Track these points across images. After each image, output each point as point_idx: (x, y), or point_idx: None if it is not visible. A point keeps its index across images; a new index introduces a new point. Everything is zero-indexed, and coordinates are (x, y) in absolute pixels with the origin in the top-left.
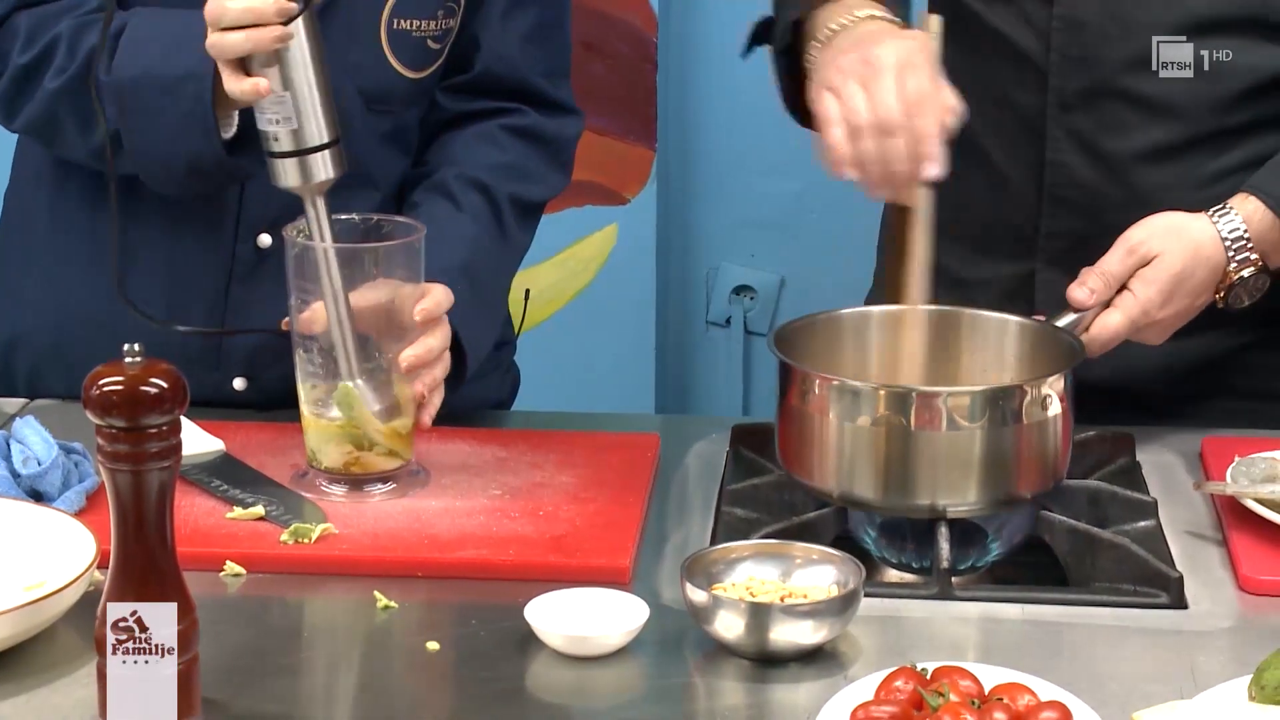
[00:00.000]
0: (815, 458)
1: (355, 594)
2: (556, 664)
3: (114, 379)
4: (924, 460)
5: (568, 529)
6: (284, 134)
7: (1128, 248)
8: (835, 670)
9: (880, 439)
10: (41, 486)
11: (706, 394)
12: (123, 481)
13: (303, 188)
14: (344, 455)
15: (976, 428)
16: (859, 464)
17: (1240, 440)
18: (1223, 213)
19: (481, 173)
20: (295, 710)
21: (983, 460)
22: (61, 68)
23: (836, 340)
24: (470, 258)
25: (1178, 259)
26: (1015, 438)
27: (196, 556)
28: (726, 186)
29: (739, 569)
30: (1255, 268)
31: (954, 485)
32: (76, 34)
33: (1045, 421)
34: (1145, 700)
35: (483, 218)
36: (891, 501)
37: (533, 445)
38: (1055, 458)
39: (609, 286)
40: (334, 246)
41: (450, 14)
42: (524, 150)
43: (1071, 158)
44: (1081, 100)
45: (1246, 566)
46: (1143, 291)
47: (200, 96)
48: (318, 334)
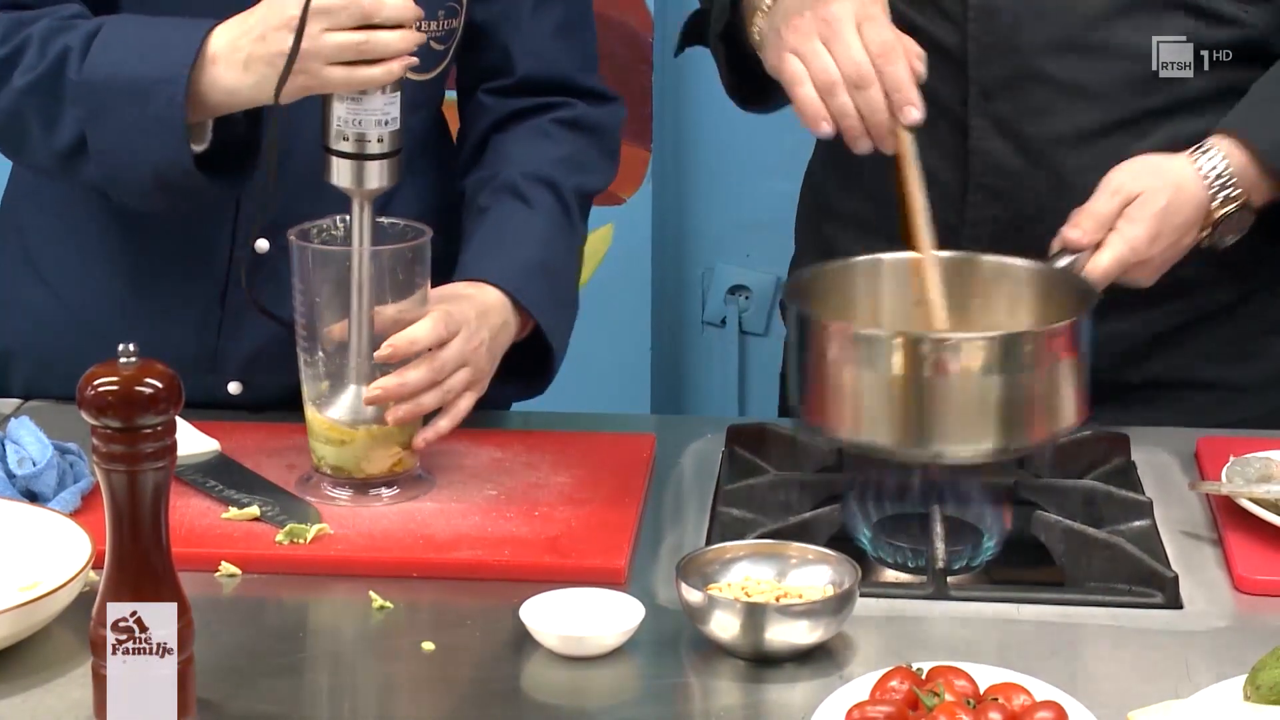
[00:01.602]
0: (830, 406)
1: (351, 594)
2: (552, 664)
3: (109, 379)
4: (939, 407)
5: (563, 529)
6: (386, 135)
7: (1111, 189)
8: (831, 670)
9: (897, 386)
10: (37, 487)
11: (702, 394)
12: (118, 482)
13: (355, 190)
14: (390, 458)
15: (993, 374)
16: (875, 412)
17: (1235, 440)
18: (1203, 149)
19: (545, 168)
20: (291, 710)
21: (998, 407)
22: (30, 66)
23: (849, 289)
24: (547, 255)
25: (1161, 195)
26: (1029, 384)
27: (192, 557)
28: (722, 187)
29: (734, 569)
30: (1238, 204)
31: (970, 432)
32: (50, 34)
33: (1058, 367)
34: (1140, 700)
35: (554, 213)
36: (908, 450)
37: (528, 446)
38: (1071, 405)
39: (604, 287)
40: (369, 250)
41: (453, 14)
42: (577, 142)
43: (994, 145)
44: (1002, 87)
45: (1242, 566)
46: (1129, 230)
47: (173, 101)
48: None
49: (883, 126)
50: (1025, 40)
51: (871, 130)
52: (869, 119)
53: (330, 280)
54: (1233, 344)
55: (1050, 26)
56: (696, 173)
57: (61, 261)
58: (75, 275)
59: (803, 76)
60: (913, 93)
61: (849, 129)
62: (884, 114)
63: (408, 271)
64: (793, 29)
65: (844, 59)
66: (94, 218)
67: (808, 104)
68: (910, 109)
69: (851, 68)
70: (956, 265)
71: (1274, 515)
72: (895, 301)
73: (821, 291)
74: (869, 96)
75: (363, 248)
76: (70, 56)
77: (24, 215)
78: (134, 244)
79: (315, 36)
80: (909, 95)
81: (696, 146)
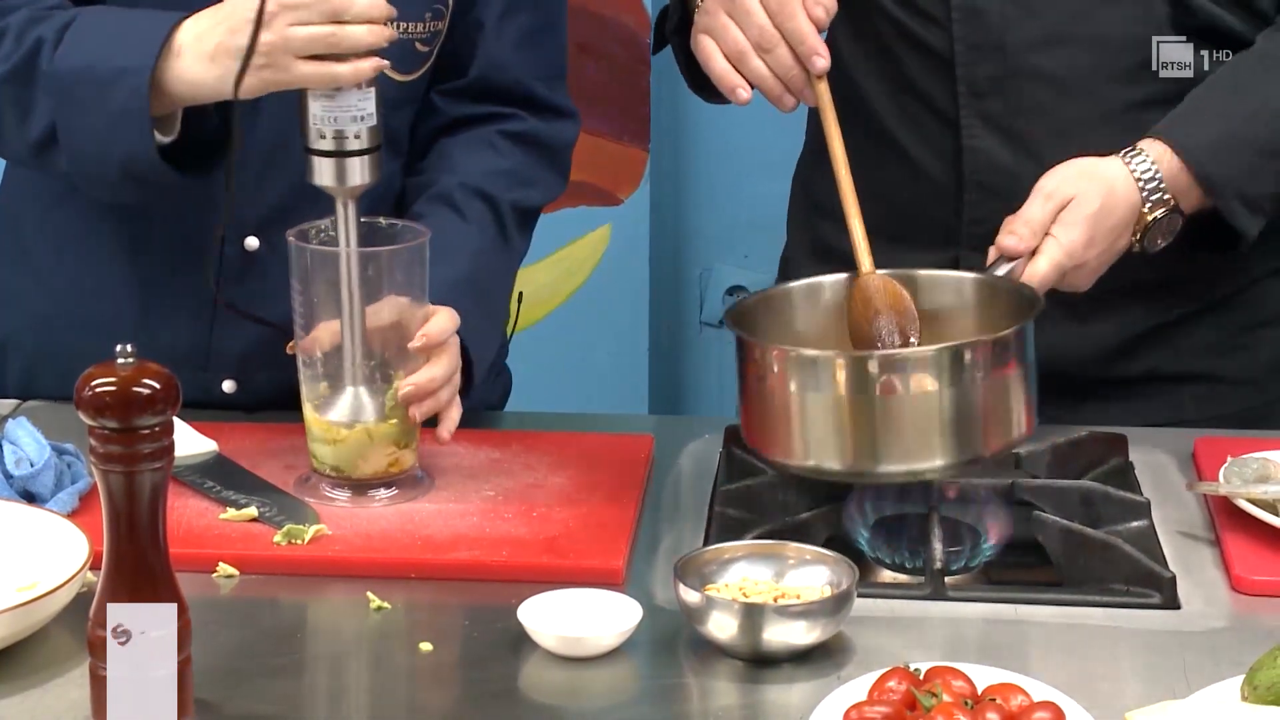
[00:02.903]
0: (780, 433)
1: (349, 595)
2: (550, 665)
3: (106, 380)
4: (889, 425)
5: (561, 530)
6: (364, 131)
7: (1044, 194)
8: (829, 671)
9: (844, 407)
10: (34, 488)
11: (700, 394)
12: (115, 483)
13: (337, 189)
14: (387, 457)
15: (940, 387)
16: (824, 435)
17: (1233, 440)
18: (1133, 154)
19: (483, 181)
20: (289, 711)
21: (949, 420)
22: (6, 56)
23: (789, 314)
24: (476, 269)
25: (1095, 199)
26: (978, 395)
27: (189, 558)
28: (720, 187)
29: (732, 569)
30: (1167, 208)
31: (922, 448)
32: (27, 25)
33: (1007, 376)
34: (1138, 700)
35: (487, 227)
36: (859, 471)
37: (526, 446)
38: (1020, 414)
39: (603, 287)
40: (358, 251)
41: (438, 16)
42: (523, 156)
43: (987, 142)
44: (992, 85)
45: (1239, 567)
46: (1064, 234)
47: (137, 91)
48: None
49: (798, 81)
50: (1012, 38)
51: (789, 87)
52: (783, 77)
53: (328, 281)
54: (1225, 337)
55: (1037, 21)
56: (694, 173)
57: (55, 256)
58: (69, 270)
59: (713, 51)
60: (815, 42)
61: (768, 91)
62: (795, 69)
63: (406, 272)
64: (704, 11)
65: (748, 26)
66: (86, 212)
67: (723, 76)
68: (816, 59)
69: (755, 32)
70: (898, 282)
71: (1272, 516)
72: (836, 324)
73: (763, 317)
74: (778, 56)
75: (350, 248)
76: (44, 47)
77: (18, 208)
78: (126, 239)
79: (282, 30)
80: (813, 44)
81: (694, 147)
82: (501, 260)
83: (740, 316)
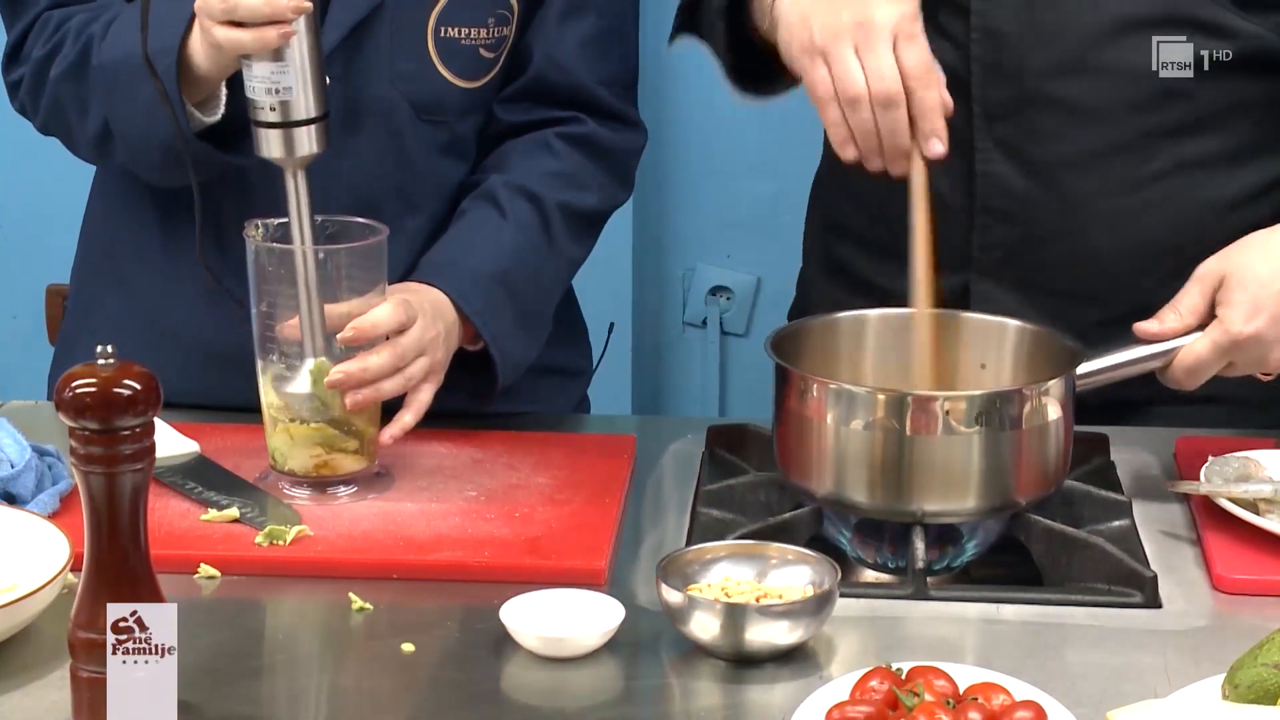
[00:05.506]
0: (812, 462)
1: (330, 596)
2: (532, 665)
3: (87, 381)
4: (921, 466)
5: (543, 530)
6: (276, 104)
7: (1197, 277)
8: (811, 670)
9: (876, 444)
10: (15, 489)
11: (683, 395)
12: (96, 484)
13: (286, 160)
14: (313, 458)
15: (974, 433)
16: (855, 469)
17: (1214, 439)
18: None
19: (531, 181)
20: (270, 712)
21: (981, 466)
22: (65, 57)
23: (833, 344)
24: (508, 265)
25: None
26: (1014, 443)
27: (171, 559)
28: (703, 187)
29: (714, 570)
30: None
31: (952, 491)
32: (84, 24)
33: (1045, 426)
34: (1119, 699)
35: (528, 226)
36: (889, 507)
37: (509, 446)
38: (1055, 464)
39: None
40: (310, 223)
41: (503, 22)
42: (580, 159)
43: (1001, 168)
44: (1007, 110)
45: (1220, 566)
46: (1224, 313)
47: (167, 72)
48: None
49: (900, 150)
50: (1029, 63)
51: (886, 151)
52: (888, 140)
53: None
54: None
55: (1053, 48)
56: (678, 173)
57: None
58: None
59: (830, 95)
60: (940, 123)
61: (865, 147)
62: (905, 137)
63: (364, 270)
64: (825, 26)
65: (874, 74)
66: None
67: (836, 127)
68: (935, 141)
69: (880, 85)
70: (943, 322)
71: (1252, 515)
72: (880, 358)
73: (805, 345)
74: (893, 117)
75: (302, 222)
76: (94, 43)
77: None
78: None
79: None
80: (936, 125)
81: (678, 146)
82: (542, 260)
83: (780, 344)
